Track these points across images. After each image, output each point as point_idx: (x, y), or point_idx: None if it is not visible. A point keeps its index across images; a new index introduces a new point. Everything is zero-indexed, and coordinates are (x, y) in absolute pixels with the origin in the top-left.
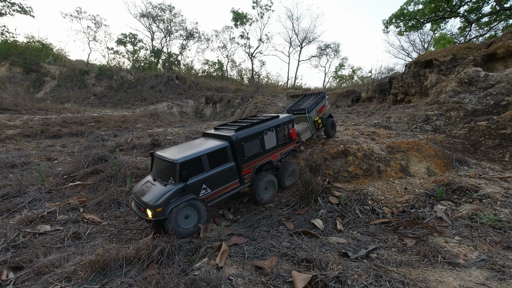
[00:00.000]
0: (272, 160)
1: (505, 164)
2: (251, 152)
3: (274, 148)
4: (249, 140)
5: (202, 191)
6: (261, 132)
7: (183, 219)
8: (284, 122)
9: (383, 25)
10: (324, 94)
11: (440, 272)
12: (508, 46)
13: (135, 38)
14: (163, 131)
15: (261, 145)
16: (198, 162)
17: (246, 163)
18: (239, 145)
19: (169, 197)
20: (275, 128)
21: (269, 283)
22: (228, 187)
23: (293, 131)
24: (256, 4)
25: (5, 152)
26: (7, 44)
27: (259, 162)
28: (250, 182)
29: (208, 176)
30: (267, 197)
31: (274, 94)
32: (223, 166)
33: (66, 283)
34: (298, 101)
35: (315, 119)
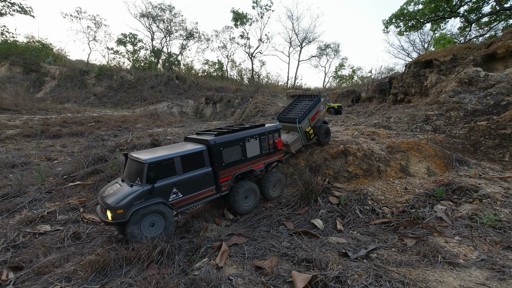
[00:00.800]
0: (255, 169)
1: (505, 164)
2: (231, 159)
3: (257, 157)
4: (229, 146)
5: (172, 196)
6: (242, 138)
7: (147, 226)
8: (269, 131)
9: (383, 25)
10: (319, 97)
11: (440, 272)
12: (508, 46)
13: (135, 38)
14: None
15: (242, 153)
16: (169, 164)
17: (225, 170)
18: (217, 150)
19: (133, 199)
20: (258, 136)
21: (269, 283)
22: (202, 193)
23: (279, 141)
24: (256, 4)
25: (5, 152)
26: (7, 44)
27: (239, 170)
28: (228, 190)
29: (180, 180)
30: (247, 207)
31: (274, 94)
32: (198, 171)
33: (66, 283)
34: (291, 104)
35: (307, 129)
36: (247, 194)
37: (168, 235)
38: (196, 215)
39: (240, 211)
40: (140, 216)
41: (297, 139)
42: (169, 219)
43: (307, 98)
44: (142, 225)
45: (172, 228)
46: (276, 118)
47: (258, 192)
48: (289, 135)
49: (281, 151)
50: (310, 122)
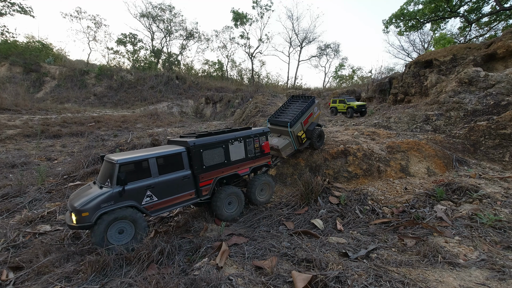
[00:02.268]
0: (239, 173)
1: (505, 164)
2: (212, 162)
3: (243, 161)
4: (210, 148)
5: (146, 199)
6: (225, 141)
7: (115, 234)
8: (255, 134)
9: (383, 25)
10: (313, 99)
11: (440, 272)
12: (508, 46)
13: (135, 38)
14: (163, 131)
15: (225, 156)
16: (143, 165)
17: (205, 173)
18: (197, 152)
19: (101, 201)
20: (243, 139)
21: (269, 283)
22: (180, 197)
23: (266, 145)
24: (256, 4)
25: (5, 152)
26: (7, 44)
27: (221, 174)
28: (209, 195)
29: (155, 183)
30: (231, 213)
31: (274, 94)
32: (176, 174)
33: (66, 283)
34: (284, 105)
35: (299, 133)
36: (230, 200)
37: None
38: (196, 215)
39: (223, 218)
40: (107, 222)
41: (289, 143)
42: (140, 226)
43: (301, 99)
44: (110, 231)
45: (143, 235)
46: (267, 121)
47: (243, 197)
48: (280, 139)
49: (269, 155)
50: (303, 125)
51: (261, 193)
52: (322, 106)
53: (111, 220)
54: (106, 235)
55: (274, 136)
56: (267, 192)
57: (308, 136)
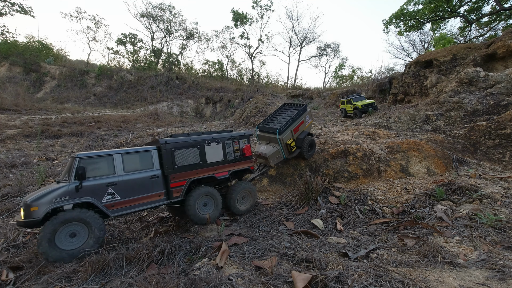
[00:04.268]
0: (217, 176)
1: (505, 164)
2: (185, 162)
3: (220, 163)
4: (183, 147)
5: (107, 197)
6: (201, 141)
7: (65, 237)
8: (234, 136)
9: (383, 25)
10: (305, 107)
11: (440, 272)
12: (508, 46)
13: (135, 38)
14: (163, 131)
15: (201, 156)
16: (107, 161)
17: (177, 174)
18: (168, 151)
19: (54, 196)
20: (221, 140)
21: (269, 283)
22: (146, 197)
23: (247, 148)
24: (256, 4)
25: (5, 152)
26: (7, 44)
27: (196, 175)
28: (181, 197)
29: (119, 181)
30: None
31: (274, 94)
32: (144, 173)
33: (66, 283)
34: (275, 112)
35: (288, 141)
36: (206, 201)
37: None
38: None
39: (197, 220)
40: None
41: (277, 151)
42: (94, 229)
43: (293, 106)
44: (59, 235)
45: (99, 240)
46: (256, 127)
47: (220, 199)
48: (269, 146)
49: (251, 159)
50: (293, 133)
51: (241, 201)
52: (322, 106)
53: (60, 222)
54: (54, 239)
55: (263, 144)
56: (248, 200)
57: (298, 145)
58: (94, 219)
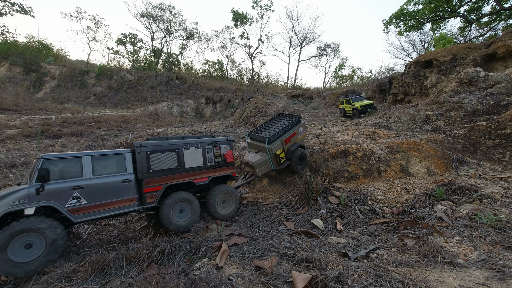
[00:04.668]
0: (196, 182)
1: (505, 164)
2: (161, 166)
3: (200, 169)
4: (159, 151)
5: (72, 201)
6: (179, 145)
7: (19, 248)
8: (216, 141)
9: (383, 25)
10: (299, 118)
11: (440, 272)
12: (508, 46)
13: (135, 38)
14: (163, 131)
15: (178, 161)
16: (74, 164)
17: (152, 178)
18: (143, 155)
19: (12, 199)
20: (201, 145)
21: (269, 283)
22: (116, 203)
23: (229, 154)
24: (256, 4)
25: (5, 152)
26: (7, 44)
27: (172, 180)
28: (155, 203)
29: (86, 184)
30: (184, 223)
31: (274, 94)
32: (115, 177)
33: (66, 283)
34: (268, 122)
35: (277, 152)
36: (182, 207)
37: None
38: None
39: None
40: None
41: (265, 161)
42: (52, 240)
43: (287, 117)
44: (12, 246)
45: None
46: (247, 135)
47: (197, 205)
48: (257, 155)
49: (233, 165)
50: (283, 144)
51: (223, 205)
52: (322, 106)
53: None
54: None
55: (252, 152)
56: (230, 204)
57: (287, 157)
58: (51, 229)
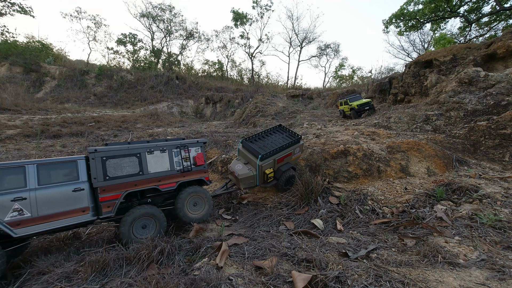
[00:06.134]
0: (161, 188)
1: (505, 164)
2: (120, 172)
3: (166, 173)
4: (117, 157)
5: (12, 213)
6: (141, 149)
7: None
8: (184, 144)
9: (383, 25)
10: (299, 138)
11: (440, 272)
12: (508, 46)
13: (135, 38)
14: (163, 131)
15: (140, 166)
16: (16, 173)
17: (109, 186)
18: (98, 161)
19: None
20: (167, 148)
21: (269, 283)
22: (66, 214)
23: (199, 156)
24: (256, 4)
25: (5, 152)
26: (7, 44)
27: (134, 187)
28: (113, 213)
29: (30, 195)
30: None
31: (274, 94)
32: (65, 186)
33: (66, 283)
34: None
35: (267, 171)
36: (144, 223)
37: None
38: None
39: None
40: None
41: (251, 176)
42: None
43: (287, 133)
44: None
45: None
46: (240, 141)
47: (162, 218)
48: (245, 167)
49: (204, 168)
50: (275, 163)
51: (193, 208)
52: (322, 106)
53: None
54: None
55: (240, 162)
56: (203, 206)
57: (276, 177)
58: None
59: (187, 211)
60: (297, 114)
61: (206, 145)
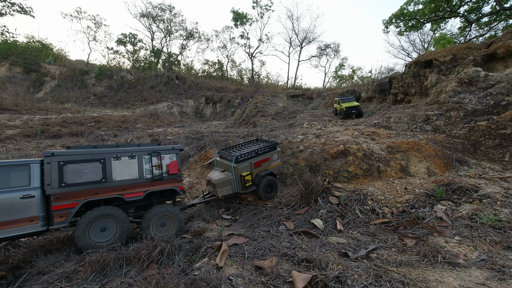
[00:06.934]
0: (126, 197)
1: (505, 164)
2: (79, 179)
3: (134, 182)
4: (78, 162)
5: None
6: (106, 155)
7: None
8: (156, 150)
9: (383, 25)
10: (275, 145)
11: (440, 272)
12: (508, 46)
13: (135, 38)
14: (163, 131)
15: (103, 173)
16: None
17: (65, 193)
18: (54, 165)
19: None
20: (137, 155)
21: (269, 283)
22: (10, 223)
23: (173, 164)
24: (256, 4)
25: (5, 152)
26: (7, 44)
27: (94, 196)
28: (66, 223)
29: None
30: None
31: (274, 94)
32: (12, 192)
33: (66, 283)
34: (244, 143)
35: (244, 173)
36: (104, 225)
37: None
38: (195, 215)
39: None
40: None
41: (228, 181)
42: None
43: (264, 142)
44: None
45: None
46: (217, 152)
47: (124, 219)
48: (221, 174)
49: (178, 178)
50: (253, 167)
51: (161, 229)
52: (322, 106)
53: None
54: None
55: (218, 170)
56: (171, 227)
57: (255, 182)
58: None
59: (152, 231)
60: (297, 114)
61: (206, 146)
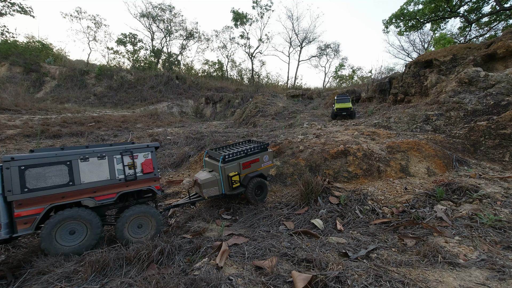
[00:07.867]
0: (97, 200)
1: (505, 164)
2: (43, 183)
3: (105, 183)
4: (41, 165)
5: None
6: (72, 156)
7: None
8: (129, 149)
9: (383, 25)
10: (266, 146)
11: (440, 272)
12: (508, 46)
13: (135, 38)
14: (163, 131)
15: (70, 176)
16: None
17: (28, 199)
18: (14, 170)
19: None
20: (107, 155)
21: (269, 283)
22: None
23: (147, 163)
24: (256, 4)
25: (5, 152)
26: (7, 44)
27: (61, 200)
28: (31, 230)
29: None
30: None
31: (274, 94)
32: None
33: (66, 283)
34: (235, 144)
35: (231, 174)
36: (72, 228)
37: None
38: (195, 215)
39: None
40: None
41: (214, 181)
42: None
43: (255, 143)
44: None
45: None
46: (205, 152)
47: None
48: (208, 174)
49: (154, 176)
50: (241, 167)
51: (137, 230)
52: (322, 106)
53: None
54: None
55: (205, 171)
56: (148, 228)
57: (243, 183)
58: None
59: (127, 233)
60: (297, 114)
61: (206, 146)
